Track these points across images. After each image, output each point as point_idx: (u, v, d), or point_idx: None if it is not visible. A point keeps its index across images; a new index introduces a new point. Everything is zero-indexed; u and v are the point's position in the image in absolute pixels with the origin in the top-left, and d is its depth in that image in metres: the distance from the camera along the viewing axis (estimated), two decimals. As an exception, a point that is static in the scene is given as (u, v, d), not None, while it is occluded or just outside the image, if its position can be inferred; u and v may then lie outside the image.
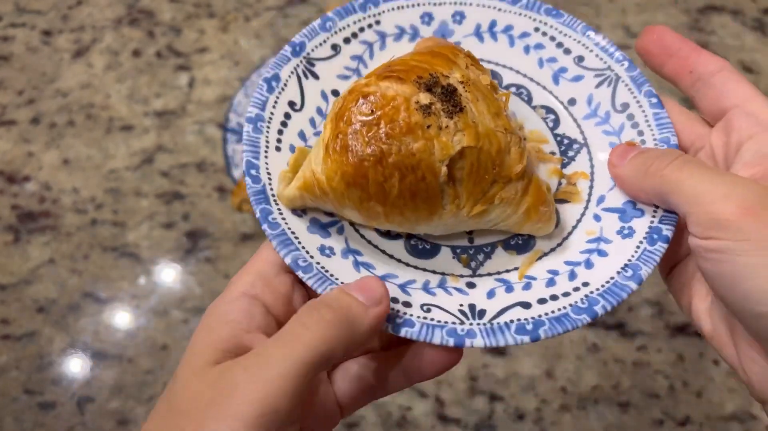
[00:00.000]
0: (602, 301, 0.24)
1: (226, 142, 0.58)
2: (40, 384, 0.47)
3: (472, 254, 0.27)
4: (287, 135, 0.27)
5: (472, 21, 0.30)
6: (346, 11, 0.29)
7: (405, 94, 0.23)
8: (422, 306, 0.24)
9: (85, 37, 0.72)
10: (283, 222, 0.25)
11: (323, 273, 0.24)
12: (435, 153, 0.23)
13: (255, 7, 0.75)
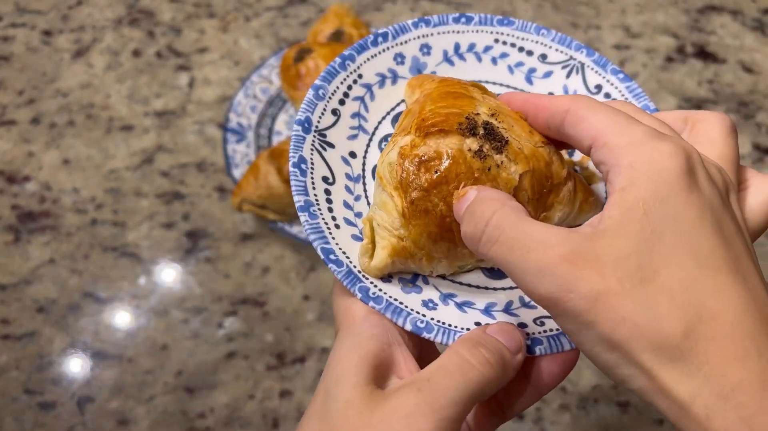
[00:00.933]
0: None
1: (226, 142, 0.58)
2: (40, 384, 0.47)
3: None
4: (336, 210, 0.28)
5: (438, 49, 0.32)
6: (329, 74, 0.31)
7: (455, 145, 0.25)
8: (534, 320, 0.26)
9: (85, 37, 0.72)
10: (383, 294, 0.26)
11: (441, 326, 0.25)
12: (501, 189, 0.25)
13: (255, 7, 0.75)
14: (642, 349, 0.18)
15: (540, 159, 0.26)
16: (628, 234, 0.18)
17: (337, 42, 0.60)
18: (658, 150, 0.19)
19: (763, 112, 0.66)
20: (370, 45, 0.32)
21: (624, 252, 0.18)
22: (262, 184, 0.52)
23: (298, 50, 0.58)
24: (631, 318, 0.18)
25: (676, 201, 0.18)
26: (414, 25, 0.32)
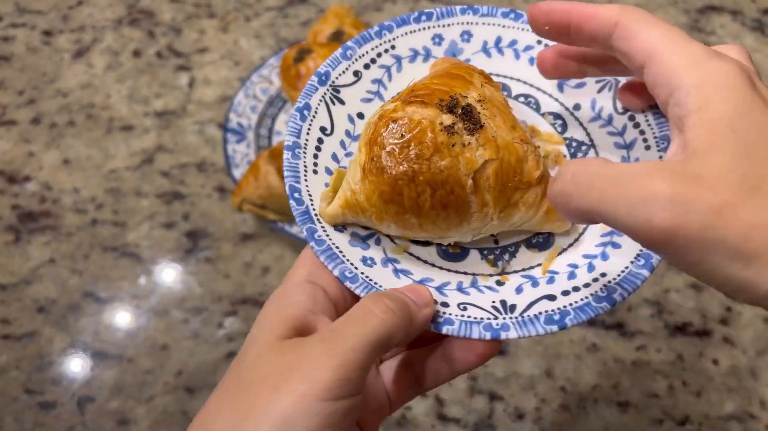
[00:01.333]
0: (619, 290, 0.26)
1: (227, 142, 0.58)
2: (40, 383, 0.47)
3: (498, 254, 0.29)
4: (322, 158, 0.30)
5: (479, 39, 0.32)
6: (363, 39, 0.32)
7: (430, 116, 0.26)
8: (459, 305, 0.26)
9: (85, 37, 0.72)
10: (328, 239, 0.28)
11: (368, 282, 0.26)
12: (461, 168, 0.26)
13: (255, 7, 0.75)
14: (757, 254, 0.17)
15: (512, 153, 0.26)
16: (723, 150, 0.18)
17: (337, 42, 0.60)
18: (723, 69, 0.19)
19: (763, 111, 0.66)
20: (412, 21, 0.32)
21: (725, 167, 0.18)
22: (262, 184, 0.52)
23: (298, 50, 0.58)
24: (761, 224, 0.17)
25: (757, 114, 0.19)
26: (461, 11, 0.32)
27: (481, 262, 0.29)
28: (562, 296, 0.26)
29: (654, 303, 0.52)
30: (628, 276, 0.26)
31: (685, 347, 0.50)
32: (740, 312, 0.52)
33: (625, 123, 0.29)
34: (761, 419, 0.46)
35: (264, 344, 0.22)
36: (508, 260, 0.29)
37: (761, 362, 0.49)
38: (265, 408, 0.20)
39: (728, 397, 0.47)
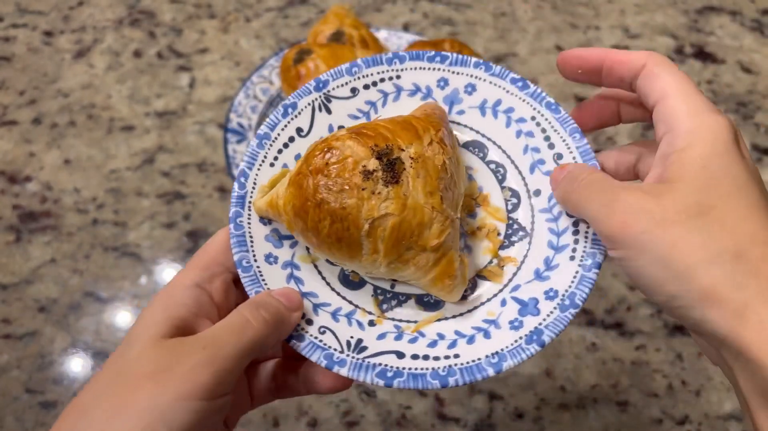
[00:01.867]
0: (458, 376, 0.27)
1: (227, 142, 0.58)
2: (41, 383, 0.48)
3: (388, 298, 0.31)
4: (285, 155, 0.31)
5: (480, 95, 0.33)
6: (373, 61, 0.33)
7: (358, 156, 0.28)
8: (320, 328, 0.28)
9: (86, 37, 0.72)
10: (248, 227, 0.30)
11: (258, 277, 0.28)
12: (362, 212, 0.27)
13: (255, 7, 0.75)
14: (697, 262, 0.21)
15: (417, 216, 0.28)
16: (688, 181, 0.22)
17: (337, 43, 0.60)
18: (715, 121, 0.23)
19: (762, 112, 0.66)
20: (425, 59, 0.33)
21: (683, 193, 0.22)
22: None
23: (298, 51, 0.58)
24: (687, 239, 0.21)
25: (730, 159, 0.23)
26: (475, 64, 0.32)
27: (370, 299, 0.30)
28: (410, 358, 0.28)
29: (653, 303, 0.52)
30: (474, 368, 0.27)
31: (684, 346, 0.50)
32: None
33: (568, 226, 0.29)
34: (760, 418, 0.47)
35: (148, 340, 0.23)
36: (393, 307, 0.30)
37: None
38: (146, 402, 0.21)
39: (727, 397, 0.48)
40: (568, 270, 0.28)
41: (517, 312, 0.28)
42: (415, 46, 0.55)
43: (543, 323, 0.28)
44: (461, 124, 0.33)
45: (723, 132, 0.23)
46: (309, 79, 0.56)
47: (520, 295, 0.29)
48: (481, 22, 0.74)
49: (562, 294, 0.28)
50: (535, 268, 0.29)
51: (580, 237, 0.29)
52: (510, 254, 0.31)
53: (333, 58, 0.57)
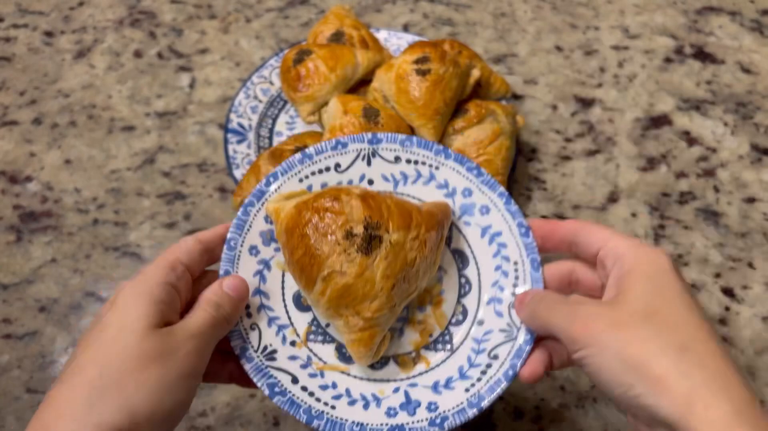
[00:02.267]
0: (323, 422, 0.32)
1: (227, 142, 0.58)
2: (42, 383, 0.48)
3: (317, 331, 0.36)
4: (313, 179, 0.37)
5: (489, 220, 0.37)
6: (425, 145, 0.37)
7: (351, 217, 0.32)
8: (252, 324, 0.34)
9: (86, 37, 0.72)
10: (252, 217, 0.35)
11: (234, 260, 0.34)
12: (328, 260, 0.32)
13: (255, 8, 0.75)
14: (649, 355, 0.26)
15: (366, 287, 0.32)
16: (636, 293, 0.28)
17: (337, 43, 0.60)
18: (653, 250, 0.30)
19: (762, 112, 0.67)
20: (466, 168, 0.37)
21: (634, 302, 0.27)
22: None
23: (298, 52, 0.58)
24: (639, 336, 0.26)
25: (669, 277, 0.28)
26: (500, 194, 0.37)
27: (305, 325, 0.35)
28: (300, 388, 0.33)
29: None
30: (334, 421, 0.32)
31: (683, 346, 0.50)
32: (738, 312, 0.52)
33: (482, 363, 0.34)
34: (759, 418, 0.47)
35: (144, 329, 0.28)
36: (317, 341, 0.35)
37: (760, 362, 0.49)
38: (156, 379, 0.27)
39: (727, 396, 0.48)
40: (457, 398, 0.33)
41: (399, 405, 0.33)
42: (415, 46, 0.55)
43: (408, 425, 0.32)
44: (461, 232, 0.37)
45: (661, 257, 0.29)
46: (309, 80, 0.56)
47: (411, 392, 0.34)
48: (481, 22, 0.74)
49: (440, 413, 0.32)
50: (436, 380, 0.34)
51: (484, 378, 0.33)
52: (427, 356, 0.35)
53: (332, 59, 0.56)
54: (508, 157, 0.55)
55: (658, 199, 0.59)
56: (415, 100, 0.52)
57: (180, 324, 0.29)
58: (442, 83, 0.53)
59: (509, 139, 0.55)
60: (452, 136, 0.55)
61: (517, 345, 0.33)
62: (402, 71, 0.53)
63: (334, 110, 0.54)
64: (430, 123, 0.53)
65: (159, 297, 0.29)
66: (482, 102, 0.56)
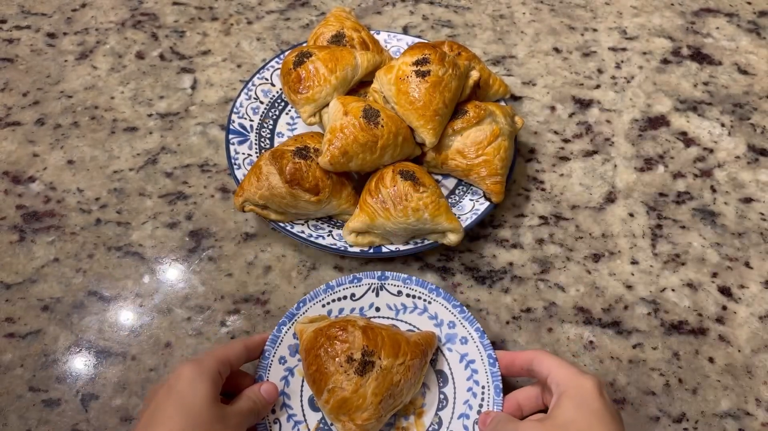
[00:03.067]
0: None
1: (229, 143, 0.59)
2: (44, 381, 0.48)
3: (324, 429, 0.45)
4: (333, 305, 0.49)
5: (467, 349, 0.47)
6: (424, 285, 0.49)
7: (353, 345, 0.43)
8: (275, 419, 0.44)
9: (89, 39, 0.72)
10: (284, 334, 0.47)
11: (267, 367, 0.46)
12: (333, 377, 0.42)
13: (257, 10, 0.76)
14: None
15: (359, 401, 0.42)
16: (562, 411, 0.38)
17: (337, 45, 0.61)
18: (584, 379, 0.39)
19: (758, 113, 0.67)
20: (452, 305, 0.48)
21: (558, 418, 0.37)
22: (263, 185, 0.52)
23: (298, 54, 0.58)
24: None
25: (592, 398, 0.38)
26: (477, 331, 0.47)
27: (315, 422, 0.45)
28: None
29: (650, 302, 0.53)
30: None
31: (681, 345, 0.51)
32: (735, 311, 0.53)
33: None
34: (757, 417, 0.47)
35: (209, 401, 0.39)
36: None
37: (756, 360, 0.50)
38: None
39: (724, 395, 0.48)
40: None
41: None
42: (415, 47, 0.55)
43: None
44: (444, 355, 0.47)
45: (589, 385, 0.38)
46: (309, 82, 0.57)
47: None
48: (480, 24, 0.75)
49: None
50: None
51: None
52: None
53: (332, 60, 0.57)
54: (507, 157, 0.55)
55: (655, 199, 0.60)
56: (415, 101, 0.53)
57: (231, 406, 0.41)
58: (441, 84, 0.53)
59: (508, 139, 0.56)
60: (451, 137, 0.55)
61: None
62: (402, 73, 0.54)
63: (334, 111, 0.54)
64: (429, 124, 0.53)
65: (215, 381, 0.40)
66: (481, 103, 0.56)
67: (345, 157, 0.51)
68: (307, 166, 0.52)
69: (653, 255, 0.56)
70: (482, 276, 0.54)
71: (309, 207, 0.53)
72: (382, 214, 0.51)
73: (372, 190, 0.52)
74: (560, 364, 0.40)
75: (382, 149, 0.52)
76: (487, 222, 0.57)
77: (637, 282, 0.54)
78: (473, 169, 0.55)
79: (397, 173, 0.52)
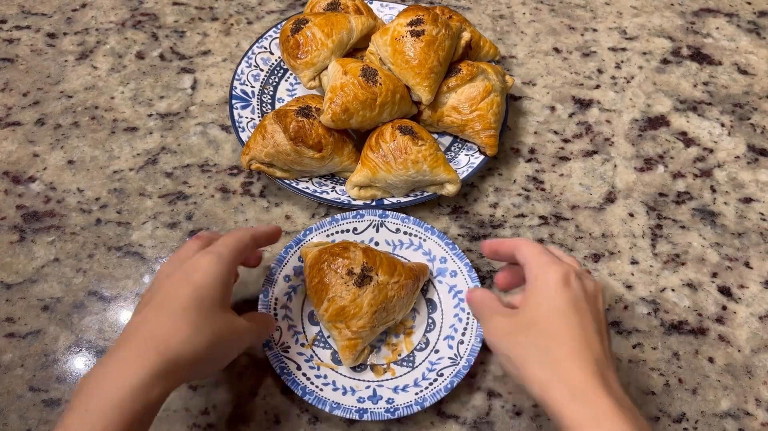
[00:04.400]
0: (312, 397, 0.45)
1: (233, 107, 0.61)
2: (44, 381, 0.48)
3: (320, 340, 0.49)
4: (337, 236, 0.53)
5: (456, 281, 0.51)
6: (420, 224, 0.54)
7: (355, 261, 0.47)
8: (278, 327, 0.48)
9: (89, 39, 0.72)
10: (290, 256, 0.51)
11: (272, 282, 0.50)
12: (333, 288, 0.46)
13: (257, 10, 0.76)
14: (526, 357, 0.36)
15: (355, 310, 0.46)
16: (528, 308, 0.38)
17: (333, 12, 0.63)
18: (551, 270, 0.38)
19: (758, 113, 0.67)
20: (446, 245, 0.52)
21: (523, 315, 0.38)
22: (269, 143, 0.54)
23: (295, 22, 0.61)
24: (519, 342, 0.36)
25: (558, 298, 0.37)
26: (466, 265, 0.51)
27: (314, 334, 0.49)
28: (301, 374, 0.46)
29: (650, 302, 0.53)
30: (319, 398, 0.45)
31: (680, 345, 0.51)
32: (735, 311, 0.53)
33: (432, 378, 0.46)
34: (756, 416, 0.47)
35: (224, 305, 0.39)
36: (319, 346, 0.48)
37: (756, 360, 0.50)
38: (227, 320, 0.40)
39: (724, 395, 0.48)
40: (408, 398, 0.45)
41: (367, 397, 0.45)
42: (409, 9, 0.59)
43: (370, 409, 0.44)
44: (435, 286, 0.51)
45: (553, 277, 0.37)
46: (307, 47, 0.62)
47: (377, 390, 0.46)
48: (480, 24, 0.75)
49: (394, 406, 0.44)
50: (396, 385, 0.46)
51: (430, 388, 0.45)
52: (394, 368, 0.47)
53: (328, 25, 0.59)
54: (500, 112, 0.58)
55: (655, 199, 0.60)
56: (411, 60, 0.55)
57: (241, 319, 0.41)
58: (435, 43, 0.55)
59: (500, 95, 0.58)
60: (446, 94, 0.58)
61: (458, 368, 0.46)
62: (397, 33, 0.56)
63: (333, 72, 0.56)
64: (425, 81, 0.55)
65: (229, 285, 0.40)
66: (473, 62, 0.59)
67: (346, 114, 0.53)
68: (310, 124, 0.54)
69: (653, 255, 0.56)
70: (482, 277, 0.54)
71: (313, 163, 0.55)
72: (383, 167, 0.53)
73: (373, 145, 0.54)
74: (537, 253, 0.39)
75: (381, 106, 0.55)
76: (487, 223, 0.57)
77: (637, 282, 0.54)
78: (468, 124, 0.57)
79: (396, 128, 0.54)
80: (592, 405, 0.32)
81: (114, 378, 0.33)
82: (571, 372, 0.33)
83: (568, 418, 0.31)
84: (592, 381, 0.33)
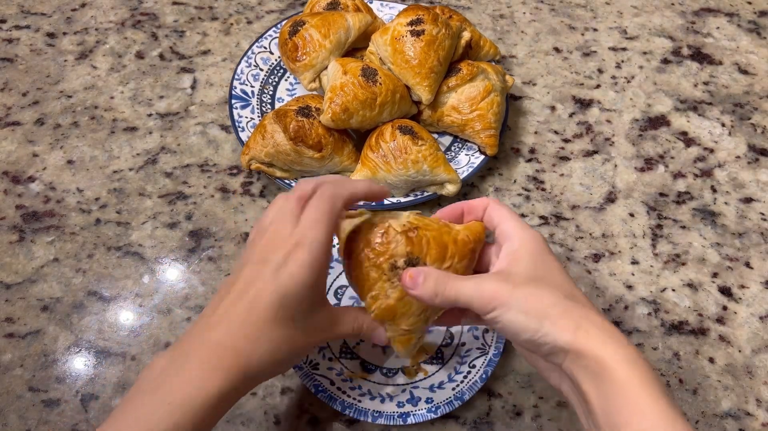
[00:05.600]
0: (351, 410, 0.44)
1: (232, 107, 0.61)
2: (44, 381, 0.48)
3: (344, 351, 0.48)
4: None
5: None
6: None
7: (396, 252, 0.39)
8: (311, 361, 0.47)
9: (88, 39, 0.72)
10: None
11: None
12: (375, 285, 0.40)
13: (256, 10, 0.76)
14: (545, 305, 0.34)
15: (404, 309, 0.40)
16: (524, 266, 0.37)
17: (332, 12, 0.63)
18: (532, 232, 0.38)
19: (759, 113, 0.67)
20: None
21: (524, 272, 0.36)
22: (269, 143, 0.54)
23: (292, 24, 0.61)
24: (535, 294, 0.35)
25: (544, 254, 0.37)
26: None
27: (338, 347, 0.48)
28: (336, 388, 0.46)
29: (650, 302, 0.53)
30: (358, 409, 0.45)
31: (681, 345, 0.51)
32: (736, 311, 0.53)
33: (463, 371, 0.46)
34: (757, 417, 0.47)
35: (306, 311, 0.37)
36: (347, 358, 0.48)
37: (757, 360, 0.50)
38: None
39: (724, 395, 0.48)
40: (446, 394, 0.45)
41: (406, 400, 0.45)
42: (409, 9, 0.59)
43: (412, 412, 0.44)
44: None
45: (538, 239, 0.38)
46: (305, 49, 0.62)
47: (414, 392, 0.46)
48: (480, 24, 0.75)
49: (434, 404, 0.44)
50: (432, 383, 0.46)
51: (465, 381, 0.45)
52: (425, 368, 0.47)
53: (325, 26, 0.59)
54: (500, 111, 0.58)
55: (655, 199, 0.60)
56: (411, 60, 0.55)
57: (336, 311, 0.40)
58: (435, 43, 0.55)
59: (500, 95, 0.58)
60: (446, 94, 0.58)
61: (489, 357, 0.46)
62: (397, 33, 0.56)
63: (333, 72, 0.56)
64: (425, 81, 0.55)
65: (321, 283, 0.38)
66: (473, 62, 0.59)
67: (346, 113, 0.53)
68: (310, 123, 0.54)
69: (653, 255, 0.56)
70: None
71: (313, 163, 0.55)
72: (383, 167, 0.53)
73: (373, 145, 0.54)
74: (510, 215, 0.39)
75: (381, 106, 0.55)
76: (487, 223, 0.58)
77: (638, 282, 0.54)
78: (468, 124, 0.57)
79: (396, 128, 0.54)
80: (625, 346, 0.33)
81: (198, 382, 0.33)
82: (597, 316, 0.34)
83: (610, 358, 0.32)
84: (611, 325, 0.34)
